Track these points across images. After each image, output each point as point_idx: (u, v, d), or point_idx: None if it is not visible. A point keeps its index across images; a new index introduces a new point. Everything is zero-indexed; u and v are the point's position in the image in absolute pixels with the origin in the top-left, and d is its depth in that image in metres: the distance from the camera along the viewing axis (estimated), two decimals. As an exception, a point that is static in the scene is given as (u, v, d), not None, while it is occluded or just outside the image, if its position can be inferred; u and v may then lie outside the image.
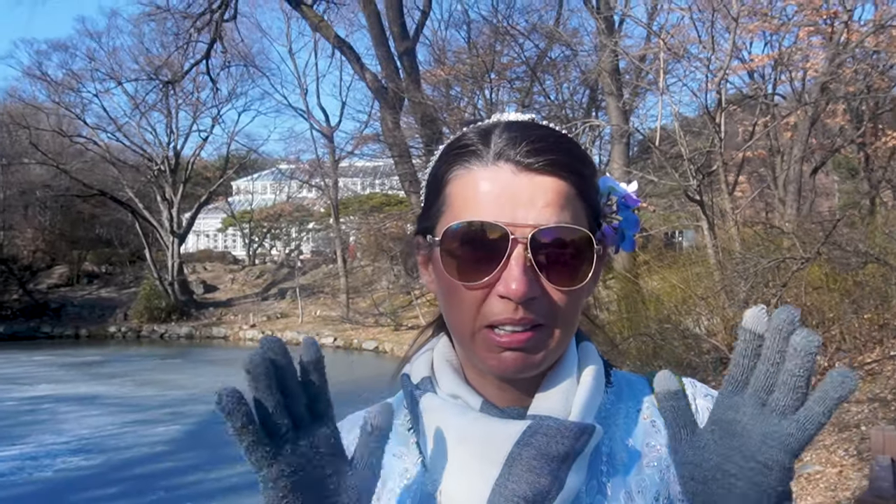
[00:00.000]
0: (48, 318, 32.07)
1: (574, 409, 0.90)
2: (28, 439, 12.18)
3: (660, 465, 0.94)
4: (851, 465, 6.40)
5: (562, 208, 0.86)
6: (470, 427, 0.89)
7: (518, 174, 0.86)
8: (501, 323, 0.86)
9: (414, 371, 1.01)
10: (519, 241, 0.85)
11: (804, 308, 8.67)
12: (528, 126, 0.92)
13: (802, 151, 12.50)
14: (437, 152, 0.97)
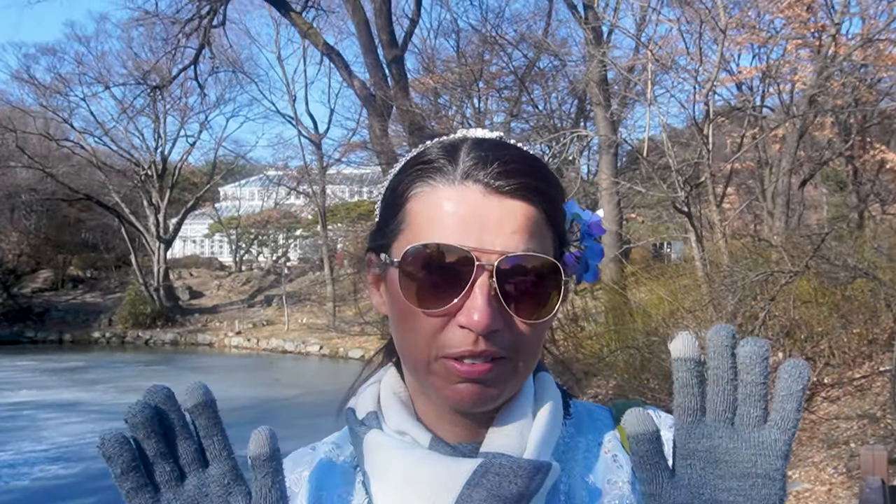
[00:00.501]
0: (32, 323, 31.83)
1: (529, 446, 0.84)
2: (7, 447, 12.04)
3: (622, 502, 0.88)
4: (840, 483, 6.35)
5: (531, 235, 0.81)
6: (417, 466, 0.83)
7: (487, 196, 0.80)
8: (461, 355, 0.80)
9: (359, 405, 0.94)
10: (485, 269, 0.79)
11: (792, 322, 8.64)
12: (497, 145, 0.86)
13: (791, 164, 12.50)
14: (397, 166, 0.90)
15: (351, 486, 0.91)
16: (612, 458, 0.92)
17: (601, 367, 10.79)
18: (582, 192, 16.00)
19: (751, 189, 16.64)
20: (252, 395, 17.37)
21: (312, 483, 0.94)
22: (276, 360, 25.70)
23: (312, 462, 0.96)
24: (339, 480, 0.93)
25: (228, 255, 39.19)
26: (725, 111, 15.43)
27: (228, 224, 37.97)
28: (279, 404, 16.02)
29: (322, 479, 0.94)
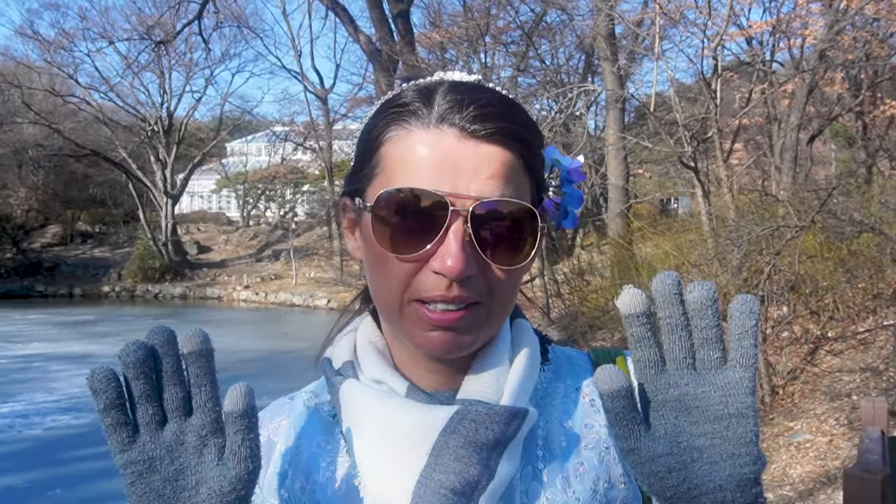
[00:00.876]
0: (42, 277, 32.04)
1: (506, 392, 0.84)
2: (19, 397, 12.21)
3: (598, 447, 0.89)
4: (842, 434, 6.42)
5: (507, 181, 0.79)
6: (393, 415, 0.83)
7: (462, 141, 0.79)
8: (433, 300, 0.79)
9: (336, 354, 0.94)
10: (459, 214, 0.78)
11: (797, 276, 8.66)
12: (474, 88, 0.84)
13: (799, 119, 12.39)
14: (372, 109, 0.88)
15: (330, 436, 0.92)
16: (590, 402, 0.92)
17: (606, 320, 10.85)
18: (589, 147, 15.92)
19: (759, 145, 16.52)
20: (260, 347, 17.55)
21: (291, 432, 0.94)
22: (284, 313, 25.87)
23: (291, 411, 0.96)
24: (318, 429, 0.93)
25: (236, 210, 39.20)
26: (734, 66, 15.24)
27: (235, 179, 37.92)
28: (287, 357, 16.16)
29: (301, 428, 0.94)
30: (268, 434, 0.94)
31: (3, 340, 18.58)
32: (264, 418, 0.96)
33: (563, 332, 11.87)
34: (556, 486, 0.86)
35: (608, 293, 11.59)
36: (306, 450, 0.91)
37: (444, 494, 0.78)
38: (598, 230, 18.44)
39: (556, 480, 0.86)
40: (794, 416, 7.13)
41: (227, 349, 17.49)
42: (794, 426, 6.88)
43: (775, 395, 7.62)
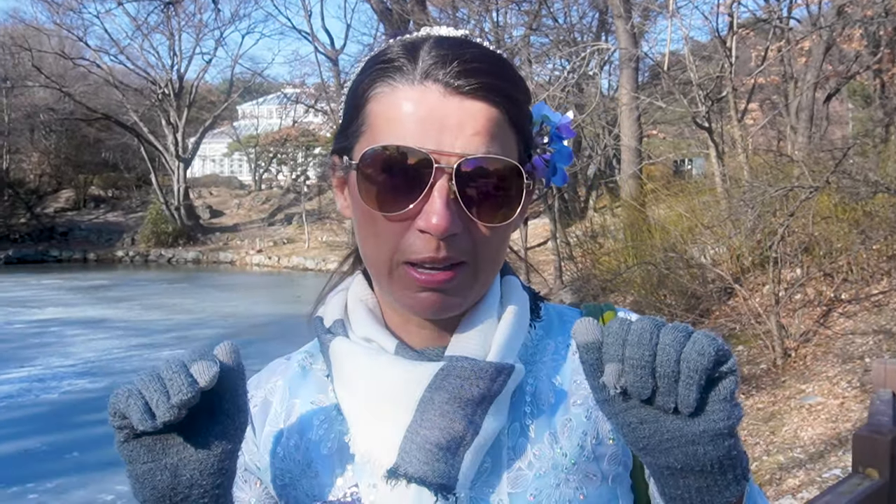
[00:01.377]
0: (56, 242, 32.27)
1: (493, 349, 0.84)
2: (36, 361, 12.34)
3: (587, 403, 0.88)
4: (854, 396, 6.39)
5: (492, 137, 0.79)
6: (381, 371, 0.84)
7: (446, 97, 0.78)
8: (421, 261, 0.80)
9: (327, 313, 0.94)
10: (444, 171, 0.77)
11: (811, 238, 8.58)
12: (460, 43, 0.83)
13: (816, 78, 12.19)
14: (359, 66, 0.86)
15: (324, 394, 0.92)
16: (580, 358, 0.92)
17: (619, 283, 10.82)
18: (602, 107, 15.76)
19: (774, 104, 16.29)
20: (274, 311, 17.64)
21: (286, 392, 0.95)
22: (296, 277, 25.98)
23: (286, 371, 0.97)
24: (312, 388, 0.94)
25: (248, 173, 39.23)
26: (750, 23, 14.97)
27: (247, 143, 37.88)
28: (300, 321, 16.04)
29: (296, 387, 0.95)
30: (264, 394, 0.96)
31: (19, 305, 18.77)
32: (261, 378, 0.98)
33: (576, 295, 11.86)
34: (543, 442, 0.86)
35: (621, 256, 11.55)
36: (301, 408, 0.92)
37: (430, 450, 0.79)
38: (611, 192, 18.35)
39: (543, 436, 0.86)
40: (806, 378, 7.11)
41: (241, 313, 17.62)
42: (806, 389, 6.86)
43: (787, 357, 7.59)
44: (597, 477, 0.86)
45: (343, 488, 0.86)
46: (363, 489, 0.84)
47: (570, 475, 0.85)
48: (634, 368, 0.69)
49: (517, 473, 0.84)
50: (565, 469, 0.85)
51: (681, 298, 9.68)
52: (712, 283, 9.60)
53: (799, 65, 13.92)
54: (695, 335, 0.69)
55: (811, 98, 12.25)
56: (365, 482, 0.84)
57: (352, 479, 0.86)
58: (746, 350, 8.20)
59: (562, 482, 0.85)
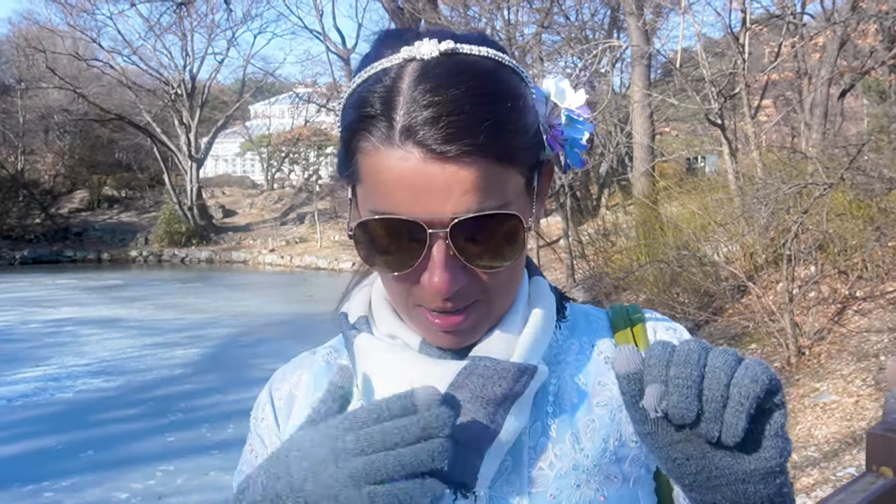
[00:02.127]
0: (70, 242, 32.45)
1: (517, 349, 0.84)
2: (51, 361, 12.41)
3: (611, 405, 0.88)
4: (868, 395, 6.35)
5: (484, 191, 0.76)
6: (404, 368, 0.83)
7: (429, 162, 0.75)
8: (433, 310, 0.81)
9: (351, 309, 0.95)
10: (438, 235, 0.76)
11: (825, 235, 8.52)
12: (439, 84, 0.76)
13: (830, 73, 12.10)
14: (344, 96, 0.84)
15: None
16: (605, 360, 0.92)
17: (631, 281, 10.79)
18: (614, 104, 15.70)
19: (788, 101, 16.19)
20: (287, 311, 17.69)
21: (311, 386, 0.96)
22: (309, 276, 26.02)
23: (312, 366, 0.98)
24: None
25: (260, 173, 39.34)
26: (763, 19, 14.89)
27: (259, 142, 37.99)
28: (314, 320, 16.27)
29: (320, 381, 0.96)
30: (289, 388, 0.97)
31: (34, 305, 18.89)
32: (286, 372, 0.99)
33: (588, 294, 11.83)
34: (564, 442, 0.86)
35: (633, 254, 11.52)
36: None
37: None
38: (623, 190, 18.29)
39: (565, 436, 0.86)
40: (820, 376, 7.06)
41: (254, 312, 17.68)
42: (821, 387, 6.81)
43: (801, 355, 7.55)
44: (618, 479, 0.86)
45: None
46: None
47: (591, 476, 0.85)
48: (679, 388, 0.67)
49: (538, 473, 0.84)
50: (586, 470, 0.85)
51: (694, 296, 9.64)
52: (725, 281, 9.56)
53: (813, 61, 13.83)
54: (747, 361, 0.68)
55: (825, 94, 12.17)
56: None
57: None
58: (760, 348, 8.16)
59: (582, 483, 0.85)
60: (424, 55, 0.78)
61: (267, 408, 0.97)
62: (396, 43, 0.80)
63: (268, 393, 0.99)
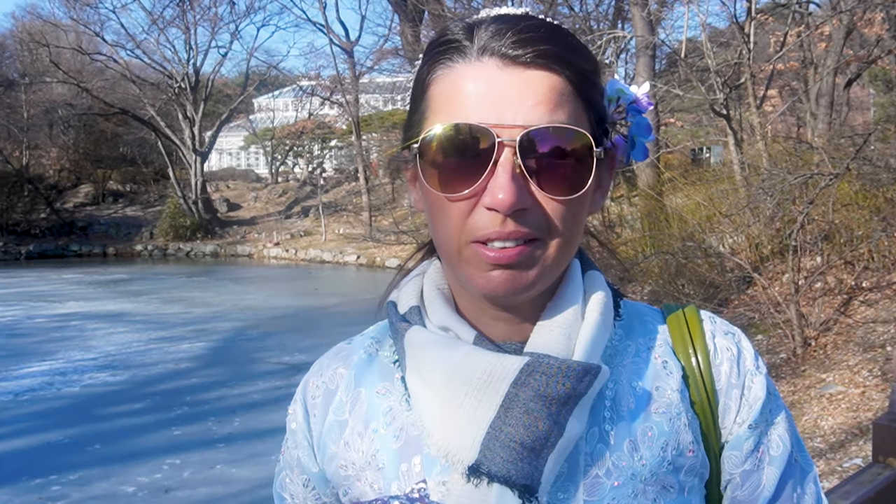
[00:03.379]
0: (76, 237, 32.52)
1: (578, 347, 0.81)
2: (57, 355, 12.43)
3: (669, 411, 0.85)
4: (875, 385, 6.33)
5: (556, 106, 0.75)
6: (461, 364, 0.79)
7: (505, 69, 0.75)
8: (489, 238, 0.76)
9: (402, 299, 0.91)
10: (506, 145, 0.74)
11: (832, 226, 8.49)
12: (518, 17, 0.80)
13: (836, 63, 12.05)
14: (420, 56, 0.84)
15: (390, 382, 0.90)
16: (662, 364, 0.88)
17: (636, 272, 10.77)
18: (618, 96, 15.62)
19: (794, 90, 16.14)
20: (292, 304, 17.71)
21: (351, 380, 0.92)
22: (314, 270, 26.04)
23: (349, 357, 0.95)
24: (377, 376, 0.91)
25: (264, 166, 39.36)
26: (769, 8, 14.84)
27: (263, 136, 38.00)
28: (318, 313, 16.32)
29: (361, 375, 0.92)
30: (325, 383, 0.93)
31: (40, 300, 18.93)
32: (322, 365, 0.96)
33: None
34: (622, 450, 0.82)
35: (638, 245, 11.49)
36: (366, 398, 0.90)
37: (514, 448, 0.76)
38: (627, 181, 18.24)
39: (622, 444, 0.83)
40: (826, 367, 7.05)
41: (259, 306, 17.70)
42: (827, 378, 6.80)
43: (807, 346, 7.53)
44: (674, 489, 0.84)
45: (409, 483, 0.83)
46: (431, 486, 0.82)
47: (648, 486, 0.82)
48: None
49: (594, 481, 0.81)
50: (644, 479, 0.82)
51: (699, 288, 9.62)
52: (731, 272, 9.54)
53: (819, 50, 13.77)
54: None
55: (831, 84, 12.12)
56: (434, 479, 0.82)
57: (419, 475, 0.83)
58: (766, 339, 8.14)
59: (639, 493, 0.82)
60: (502, 12, 0.81)
61: (298, 405, 0.95)
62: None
63: (302, 389, 0.96)
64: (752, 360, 0.89)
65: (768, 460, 0.87)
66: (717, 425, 0.87)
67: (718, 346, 0.89)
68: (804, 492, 0.89)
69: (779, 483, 0.87)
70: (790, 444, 0.89)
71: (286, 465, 0.97)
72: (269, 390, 9.71)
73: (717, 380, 0.87)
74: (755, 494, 0.87)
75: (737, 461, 0.87)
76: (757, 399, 0.87)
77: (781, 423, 0.89)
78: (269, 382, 10.16)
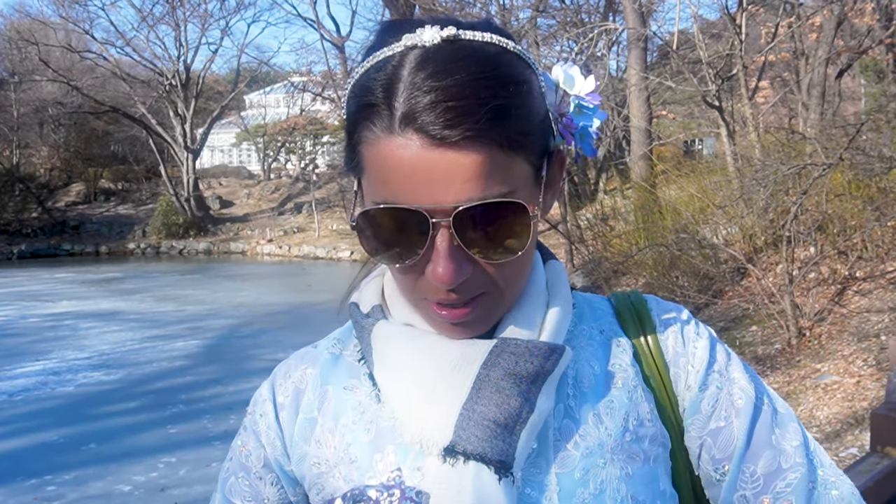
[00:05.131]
0: (68, 236, 32.38)
1: (545, 331, 0.85)
2: (51, 355, 12.40)
3: (627, 385, 0.89)
4: (870, 375, 6.35)
5: (486, 178, 0.73)
6: (430, 352, 0.83)
7: (429, 149, 0.73)
8: (438, 302, 0.80)
9: (363, 299, 0.93)
10: (441, 224, 0.74)
11: (825, 216, 8.50)
12: (441, 68, 0.74)
13: (828, 53, 12.06)
14: (348, 86, 0.82)
15: (356, 379, 0.92)
16: (615, 343, 0.92)
17: (630, 265, 10.79)
18: (611, 88, 15.66)
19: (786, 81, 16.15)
20: (285, 300, 17.68)
21: (318, 379, 0.94)
22: (307, 266, 26.01)
23: (316, 359, 0.97)
24: (344, 374, 0.93)
25: (256, 163, 39.25)
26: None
27: (255, 132, 37.89)
28: (312, 309, 16.29)
29: (327, 373, 0.94)
30: (294, 384, 0.95)
31: (33, 299, 18.86)
32: (289, 367, 0.97)
33: (587, 279, 11.82)
34: (587, 423, 0.86)
35: (632, 238, 11.50)
36: (334, 394, 0.92)
37: (487, 426, 0.79)
38: (620, 174, 18.26)
39: (587, 417, 0.87)
40: (821, 357, 7.06)
41: (253, 303, 17.67)
42: (822, 368, 6.81)
43: (802, 337, 7.55)
44: (639, 457, 0.86)
45: (384, 472, 0.85)
46: (406, 472, 0.83)
47: (615, 455, 0.85)
48: None
49: (564, 454, 0.84)
50: (611, 449, 0.85)
51: (693, 279, 9.64)
52: (725, 264, 9.55)
53: (810, 41, 13.77)
54: None
55: (823, 74, 12.13)
56: (408, 465, 0.84)
57: (393, 463, 0.85)
58: (760, 330, 8.16)
59: (608, 462, 0.85)
60: (426, 42, 0.76)
61: (268, 405, 0.96)
62: (399, 31, 0.78)
63: (269, 389, 0.97)
64: (693, 328, 0.94)
65: (735, 413, 0.89)
66: (671, 395, 0.90)
67: (662, 321, 0.94)
68: (785, 432, 0.90)
69: (749, 430, 0.89)
70: (753, 393, 0.91)
71: (238, 468, 0.97)
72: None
73: (665, 352, 0.92)
74: (730, 449, 0.89)
75: (700, 423, 0.90)
76: (701, 361, 0.91)
77: (740, 377, 0.91)
78: (264, 379, 10.13)
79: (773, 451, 0.88)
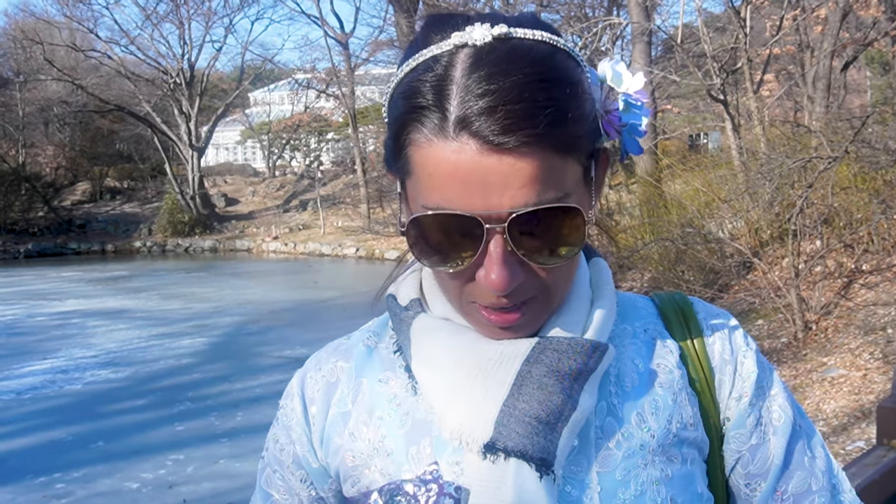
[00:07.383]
0: (74, 235, 32.47)
1: (590, 329, 0.84)
2: (58, 353, 12.44)
3: (672, 386, 0.88)
4: (876, 368, 6.34)
5: (542, 184, 0.73)
6: (471, 347, 0.82)
7: (486, 154, 0.71)
8: (488, 306, 0.79)
9: (401, 292, 0.92)
10: (495, 230, 0.73)
11: (831, 209, 8.48)
12: (495, 71, 0.72)
13: (833, 46, 12.00)
14: (392, 85, 0.79)
15: (391, 371, 0.91)
16: (661, 343, 0.92)
17: (636, 260, 10.77)
18: (615, 83, 15.57)
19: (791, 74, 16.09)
20: (291, 298, 17.71)
21: (352, 371, 0.93)
22: (313, 263, 26.03)
23: (349, 350, 0.96)
24: (378, 367, 0.92)
25: (261, 160, 39.27)
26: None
27: (260, 130, 37.91)
28: (318, 306, 16.33)
29: (361, 366, 0.93)
30: (325, 376, 0.94)
31: (40, 298, 18.92)
32: (320, 360, 0.96)
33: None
34: (630, 422, 0.85)
35: (638, 232, 11.48)
36: (368, 387, 0.91)
37: (529, 423, 0.78)
38: (625, 168, 18.22)
39: (630, 416, 0.86)
40: (827, 351, 7.05)
41: (259, 300, 17.69)
42: (828, 361, 6.80)
43: (808, 330, 7.53)
44: (678, 459, 0.86)
45: (420, 465, 0.84)
46: (444, 467, 0.83)
47: (656, 456, 0.85)
48: None
49: (605, 453, 0.84)
50: (652, 450, 0.85)
51: (699, 274, 9.62)
52: (731, 258, 9.53)
53: (815, 33, 13.71)
54: None
55: (828, 67, 12.08)
56: (446, 460, 0.83)
57: (430, 457, 0.84)
58: (767, 324, 8.15)
59: (648, 463, 0.84)
60: (477, 40, 0.74)
61: (296, 400, 0.95)
62: (445, 28, 0.76)
63: (299, 383, 0.96)
64: (741, 337, 0.93)
65: (773, 431, 0.90)
66: (715, 401, 0.90)
67: (710, 326, 0.93)
68: (814, 455, 0.92)
69: (787, 450, 0.90)
70: (792, 413, 0.92)
71: (273, 461, 0.96)
72: (271, 384, 9.70)
73: (712, 357, 0.91)
74: (767, 465, 0.90)
75: (743, 438, 0.90)
76: (749, 373, 0.91)
77: (780, 394, 0.92)
78: (271, 376, 10.15)
79: (805, 472, 0.90)
